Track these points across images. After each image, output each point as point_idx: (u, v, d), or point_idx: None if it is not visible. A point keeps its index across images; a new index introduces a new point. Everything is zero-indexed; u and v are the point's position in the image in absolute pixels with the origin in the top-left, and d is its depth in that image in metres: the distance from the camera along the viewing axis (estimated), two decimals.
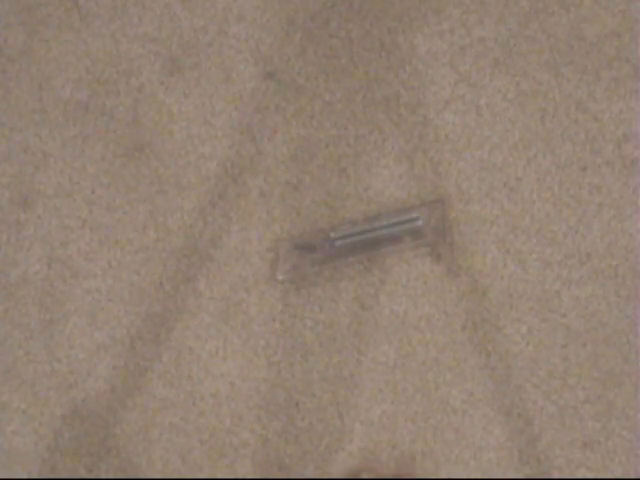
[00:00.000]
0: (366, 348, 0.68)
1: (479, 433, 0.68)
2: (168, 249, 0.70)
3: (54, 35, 0.71)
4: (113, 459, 0.68)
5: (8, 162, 0.71)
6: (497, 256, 0.69)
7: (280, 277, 0.68)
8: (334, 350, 0.68)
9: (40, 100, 0.71)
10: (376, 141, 0.70)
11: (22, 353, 0.69)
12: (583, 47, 0.70)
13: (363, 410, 0.67)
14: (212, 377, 0.69)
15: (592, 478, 0.67)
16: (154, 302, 0.69)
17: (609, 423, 0.67)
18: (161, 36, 0.71)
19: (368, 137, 0.70)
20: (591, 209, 0.69)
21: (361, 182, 0.70)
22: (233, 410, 0.68)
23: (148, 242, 0.70)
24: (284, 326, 0.69)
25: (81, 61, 0.71)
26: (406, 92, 0.70)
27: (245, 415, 0.68)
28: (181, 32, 0.71)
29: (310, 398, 0.68)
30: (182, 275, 0.69)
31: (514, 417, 0.68)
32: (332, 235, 0.68)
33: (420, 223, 0.67)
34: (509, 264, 0.69)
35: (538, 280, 0.69)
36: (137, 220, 0.70)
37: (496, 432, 0.68)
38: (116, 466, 0.68)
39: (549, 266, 0.69)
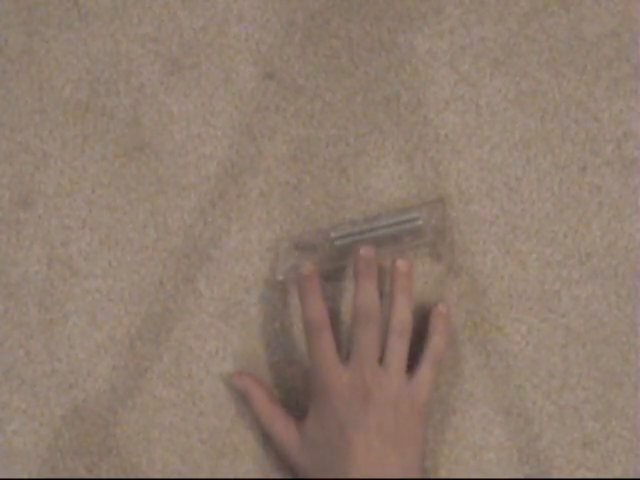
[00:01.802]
0: None
1: (479, 433, 0.68)
2: (168, 249, 0.70)
3: (54, 35, 0.71)
4: (113, 459, 0.68)
5: (8, 162, 0.71)
6: (497, 256, 0.69)
7: (280, 277, 0.68)
8: None
9: (40, 100, 0.71)
10: (376, 141, 0.70)
11: (22, 353, 0.69)
12: (583, 47, 0.70)
13: None
14: (212, 377, 0.69)
15: (592, 478, 0.67)
16: (154, 302, 0.69)
17: (609, 423, 0.67)
18: (161, 36, 0.71)
19: (368, 137, 0.70)
20: (591, 209, 0.69)
21: (361, 182, 0.70)
22: (233, 410, 0.68)
23: (148, 242, 0.70)
24: (284, 326, 0.69)
25: (81, 61, 0.71)
26: (406, 92, 0.71)
27: (245, 414, 0.68)
28: (181, 32, 0.71)
29: None
30: (182, 275, 0.69)
31: (514, 417, 0.68)
32: (332, 235, 0.68)
33: (420, 223, 0.68)
34: (509, 264, 0.69)
35: (538, 280, 0.69)
36: (137, 220, 0.70)
37: (496, 432, 0.68)
38: (116, 466, 0.68)
39: (549, 266, 0.69)
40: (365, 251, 0.65)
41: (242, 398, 0.67)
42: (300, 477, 0.65)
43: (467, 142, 0.70)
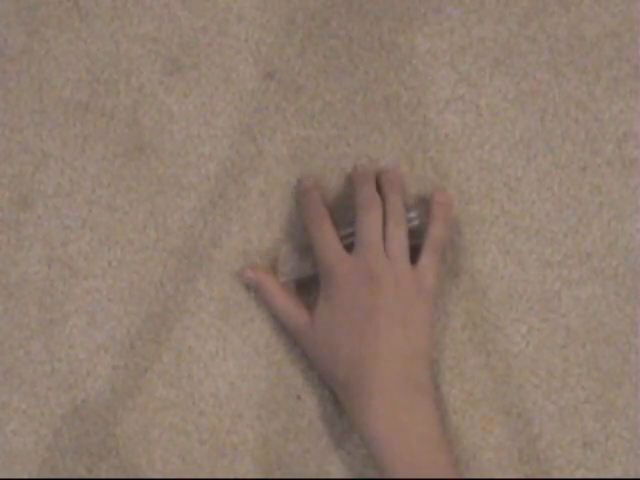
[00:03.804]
0: None
1: (479, 433, 0.68)
2: (168, 249, 0.70)
3: (54, 35, 0.71)
4: (113, 459, 0.68)
5: (8, 162, 0.71)
6: (497, 256, 0.69)
7: (281, 279, 0.68)
8: None
9: (40, 100, 0.71)
10: (376, 141, 0.70)
11: (22, 353, 0.69)
12: (583, 47, 0.70)
13: None
14: (212, 377, 0.69)
15: (592, 478, 0.67)
16: (154, 302, 0.69)
17: (609, 423, 0.68)
18: (161, 36, 0.71)
19: (368, 137, 0.70)
20: (591, 209, 0.69)
21: None
22: (233, 410, 0.68)
23: (148, 242, 0.70)
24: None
25: (81, 61, 0.71)
26: (406, 92, 0.71)
27: (245, 414, 0.68)
28: (181, 32, 0.71)
29: (310, 396, 0.68)
30: (182, 275, 0.69)
31: (514, 417, 0.68)
32: None
33: (419, 223, 0.67)
34: (509, 264, 0.69)
35: (538, 280, 0.69)
36: (137, 220, 0.70)
37: (496, 432, 0.68)
38: (116, 466, 0.68)
39: (549, 266, 0.69)
40: (361, 164, 0.69)
41: (255, 290, 0.69)
42: (313, 360, 0.67)
43: (467, 142, 0.70)
